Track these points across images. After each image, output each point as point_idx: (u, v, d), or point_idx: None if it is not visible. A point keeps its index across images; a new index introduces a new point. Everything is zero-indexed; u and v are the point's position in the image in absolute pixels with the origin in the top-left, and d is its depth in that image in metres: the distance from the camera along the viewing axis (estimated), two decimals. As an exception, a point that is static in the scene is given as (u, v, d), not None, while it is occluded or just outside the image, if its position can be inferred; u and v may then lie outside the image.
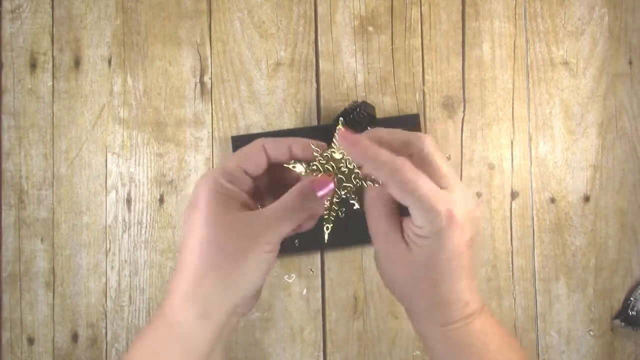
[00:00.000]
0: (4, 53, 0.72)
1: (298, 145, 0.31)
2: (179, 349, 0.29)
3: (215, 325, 0.29)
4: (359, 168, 0.31)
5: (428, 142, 0.29)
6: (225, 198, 0.29)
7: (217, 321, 0.29)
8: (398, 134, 0.29)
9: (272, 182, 0.33)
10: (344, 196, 0.32)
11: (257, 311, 0.71)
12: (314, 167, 0.31)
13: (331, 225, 0.32)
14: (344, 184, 0.31)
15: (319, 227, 0.33)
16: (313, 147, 0.31)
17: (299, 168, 0.31)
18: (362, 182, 0.31)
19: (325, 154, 0.31)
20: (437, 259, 0.28)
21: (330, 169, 0.31)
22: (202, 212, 0.29)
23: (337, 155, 0.31)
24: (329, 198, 0.31)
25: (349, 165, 0.31)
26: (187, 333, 0.29)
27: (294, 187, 0.30)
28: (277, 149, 0.31)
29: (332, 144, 0.32)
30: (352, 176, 0.31)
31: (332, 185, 0.31)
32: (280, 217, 0.29)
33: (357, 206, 0.32)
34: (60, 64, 0.72)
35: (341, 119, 0.33)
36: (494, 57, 0.73)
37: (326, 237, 0.33)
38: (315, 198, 0.30)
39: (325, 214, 0.32)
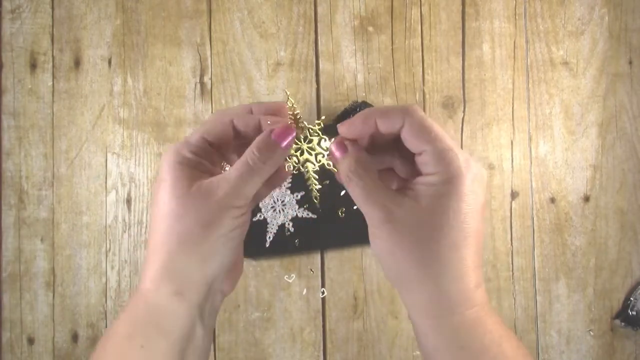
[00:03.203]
0: (4, 53, 0.72)
1: (268, 120, 0.30)
2: (155, 330, 0.27)
3: (190, 304, 0.28)
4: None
5: (417, 109, 0.28)
6: (188, 168, 0.28)
7: (191, 299, 0.28)
8: (390, 108, 0.28)
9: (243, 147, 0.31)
10: (320, 163, 0.31)
11: (257, 311, 0.71)
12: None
13: (318, 191, 0.31)
14: (317, 152, 0.31)
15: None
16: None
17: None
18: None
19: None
20: (451, 207, 0.25)
21: (299, 143, 0.31)
22: (165, 184, 0.28)
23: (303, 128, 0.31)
24: (306, 168, 0.31)
25: (312, 134, 0.31)
26: (162, 313, 0.27)
27: (253, 142, 0.29)
28: (247, 125, 0.30)
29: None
30: (319, 143, 0.31)
31: (293, 133, 0.29)
32: (244, 177, 0.28)
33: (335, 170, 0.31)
34: (60, 64, 0.72)
35: (287, 91, 0.32)
36: (494, 57, 0.73)
37: (317, 203, 0.32)
38: (277, 149, 0.29)
39: (308, 182, 0.32)
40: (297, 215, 0.70)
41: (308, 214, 0.70)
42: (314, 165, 0.31)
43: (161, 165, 0.29)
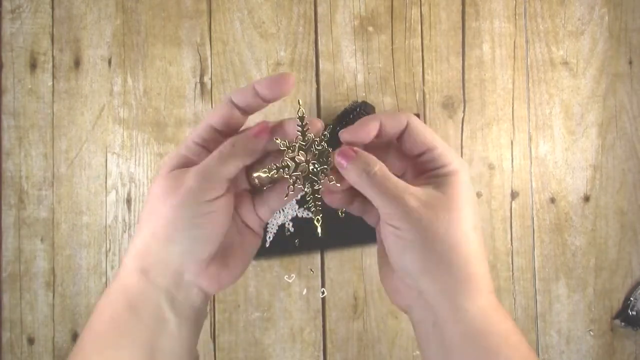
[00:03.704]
0: (4, 53, 0.72)
1: (262, 85, 0.30)
2: (123, 304, 0.28)
3: (155, 284, 0.29)
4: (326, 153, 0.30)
5: (414, 117, 0.30)
6: (185, 159, 0.30)
7: (156, 280, 0.29)
8: (393, 112, 0.31)
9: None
10: (323, 180, 0.31)
11: (257, 311, 0.71)
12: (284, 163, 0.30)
13: (320, 216, 0.31)
14: (321, 167, 0.31)
15: (316, 228, 0.32)
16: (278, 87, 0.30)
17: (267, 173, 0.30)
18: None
19: (292, 144, 0.30)
20: (465, 192, 0.28)
21: (303, 158, 0.30)
22: (157, 176, 0.30)
23: (302, 143, 0.30)
24: (307, 187, 0.31)
25: (317, 148, 0.30)
26: (129, 288, 0.29)
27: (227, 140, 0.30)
28: (244, 94, 0.31)
29: (297, 132, 0.30)
30: (325, 156, 0.30)
31: (267, 129, 0.30)
32: (217, 163, 0.29)
33: (338, 185, 0.30)
34: (60, 64, 0.72)
35: (300, 100, 0.32)
36: (494, 57, 0.73)
37: (319, 230, 0.32)
38: (251, 140, 0.30)
39: (312, 208, 0.31)
40: (297, 215, 0.70)
41: (308, 214, 0.70)
42: (318, 183, 0.31)
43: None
